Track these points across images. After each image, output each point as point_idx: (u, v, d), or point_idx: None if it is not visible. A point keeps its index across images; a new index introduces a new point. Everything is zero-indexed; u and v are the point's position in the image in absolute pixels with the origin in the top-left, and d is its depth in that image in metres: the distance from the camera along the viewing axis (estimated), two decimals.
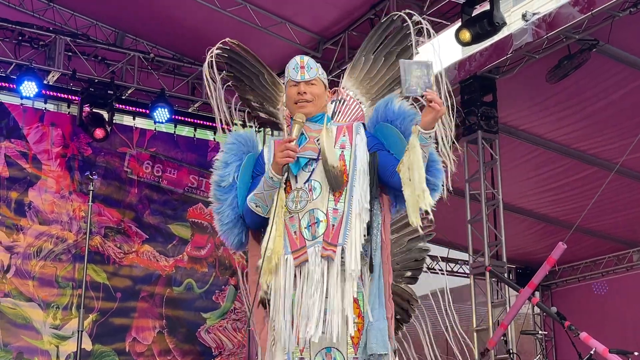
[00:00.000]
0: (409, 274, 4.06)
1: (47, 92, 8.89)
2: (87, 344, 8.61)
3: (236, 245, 3.31)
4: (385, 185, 3.16)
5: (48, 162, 8.97)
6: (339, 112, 3.41)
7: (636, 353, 6.56)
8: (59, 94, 9.08)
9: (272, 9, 8.49)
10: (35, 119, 9.01)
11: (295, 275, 3.03)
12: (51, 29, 8.74)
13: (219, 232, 3.30)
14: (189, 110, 9.88)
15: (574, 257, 11.25)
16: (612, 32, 7.15)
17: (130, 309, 9.11)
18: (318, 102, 3.18)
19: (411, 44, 3.46)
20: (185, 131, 10.02)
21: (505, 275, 9.39)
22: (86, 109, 8.89)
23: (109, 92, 8.94)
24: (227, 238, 3.30)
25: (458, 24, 7.54)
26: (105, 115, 9.00)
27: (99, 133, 8.93)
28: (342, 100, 3.45)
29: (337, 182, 3.07)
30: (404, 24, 3.47)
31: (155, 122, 9.44)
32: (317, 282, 2.97)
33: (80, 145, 9.17)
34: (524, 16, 7.51)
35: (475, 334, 8.35)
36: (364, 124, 3.27)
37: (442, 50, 3.59)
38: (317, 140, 3.12)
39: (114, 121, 9.23)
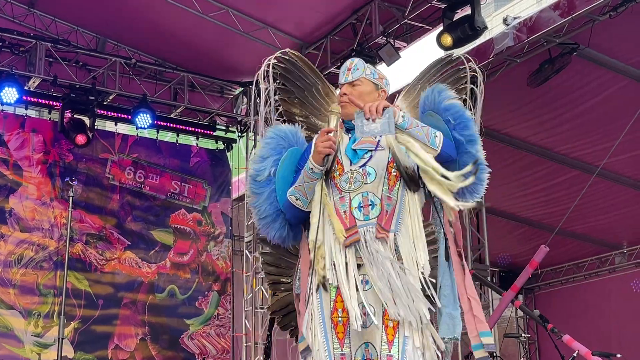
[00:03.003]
0: None
1: (28, 98, 8.84)
2: (69, 352, 8.54)
3: (278, 239, 3.29)
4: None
5: (29, 168, 8.90)
6: None
7: (619, 355, 6.59)
8: (40, 100, 9.02)
9: (254, 14, 8.47)
10: (16, 125, 8.94)
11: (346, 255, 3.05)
12: (32, 34, 8.66)
13: (258, 226, 3.29)
14: (172, 116, 9.84)
15: (556, 259, 11.29)
16: (592, 36, 7.18)
17: (113, 316, 9.05)
18: (363, 100, 3.18)
19: (463, 88, 3.60)
20: (167, 137, 9.97)
21: (489, 278, 9.42)
22: (67, 114, 8.81)
23: (90, 97, 8.88)
24: (267, 232, 3.28)
25: (439, 28, 7.55)
26: (87, 121, 8.93)
27: (80, 139, 8.86)
28: None
29: (413, 181, 3.13)
30: (461, 67, 3.63)
31: (137, 128, 9.37)
32: (385, 259, 3.00)
33: (62, 151, 9.10)
34: (505, 20, 7.54)
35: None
36: None
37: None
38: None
39: (95, 127, 9.17)
